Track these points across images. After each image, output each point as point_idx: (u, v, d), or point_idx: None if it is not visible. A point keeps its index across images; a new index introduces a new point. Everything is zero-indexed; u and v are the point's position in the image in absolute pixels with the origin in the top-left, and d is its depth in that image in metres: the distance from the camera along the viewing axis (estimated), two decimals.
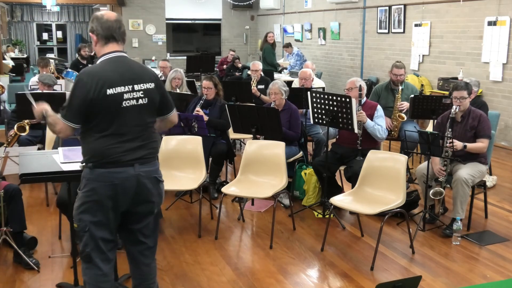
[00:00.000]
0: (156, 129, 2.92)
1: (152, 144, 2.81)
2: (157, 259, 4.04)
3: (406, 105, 5.83)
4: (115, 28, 2.72)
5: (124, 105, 2.67)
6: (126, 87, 2.68)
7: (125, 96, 2.67)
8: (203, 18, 16.23)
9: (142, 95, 2.73)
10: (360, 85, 4.94)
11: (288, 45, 11.92)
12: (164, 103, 2.88)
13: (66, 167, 3.16)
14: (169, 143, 4.93)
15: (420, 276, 3.02)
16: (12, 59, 14.89)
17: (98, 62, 2.75)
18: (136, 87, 2.71)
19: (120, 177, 2.67)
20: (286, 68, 12.10)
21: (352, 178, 4.70)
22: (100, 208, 2.69)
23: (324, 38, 12.65)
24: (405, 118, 5.82)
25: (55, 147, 4.29)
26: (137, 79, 2.72)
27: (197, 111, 5.40)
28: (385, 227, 4.53)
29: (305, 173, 5.23)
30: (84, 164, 2.72)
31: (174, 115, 2.99)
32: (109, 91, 2.62)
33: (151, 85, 2.77)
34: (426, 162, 4.51)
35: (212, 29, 16.53)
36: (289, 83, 6.95)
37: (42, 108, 2.76)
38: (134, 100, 2.70)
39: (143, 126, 2.76)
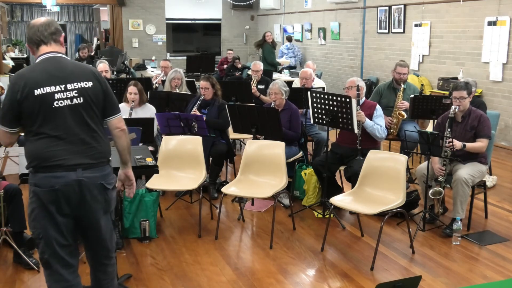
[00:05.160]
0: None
1: (98, 148, 2.72)
2: (157, 259, 4.07)
3: (406, 104, 5.83)
4: (41, 31, 2.71)
5: (56, 105, 2.61)
6: (57, 86, 2.61)
7: (57, 96, 2.60)
8: (203, 18, 16.23)
9: (76, 94, 2.64)
10: (358, 85, 4.94)
11: (289, 39, 12.15)
12: (107, 102, 2.78)
13: None
14: (169, 143, 4.93)
15: (420, 276, 3.01)
16: (12, 59, 14.89)
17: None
18: (69, 86, 2.64)
19: (61, 182, 2.59)
20: (287, 68, 12.14)
21: (352, 178, 4.70)
22: (46, 213, 2.63)
23: (324, 38, 12.65)
24: (405, 116, 5.82)
25: None
26: (70, 77, 2.65)
27: (194, 112, 5.40)
28: (385, 227, 4.53)
29: (305, 173, 5.23)
30: (27, 169, 2.68)
31: (117, 120, 2.83)
32: (37, 91, 2.58)
33: (87, 84, 2.69)
34: (426, 162, 4.51)
35: (212, 29, 16.53)
36: (289, 83, 6.96)
37: None
38: (68, 100, 2.63)
39: (85, 127, 2.68)
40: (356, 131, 4.67)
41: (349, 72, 11.56)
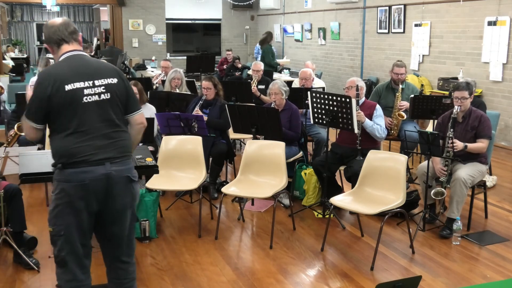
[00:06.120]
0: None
1: (122, 142, 2.77)
2: (157, 259, 4.07)
3: (406, 105, 5.83)
4: (62, 30, 2.76)
5: (85, 101, 2.66)
6: (86, 82, 2.67)
7: (86, 91, 2.66)
8: (203, 18, 16.23)
9: (104, 90, 2.71)
10: (358, 85, 4.94)
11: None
12: (130, 99, 2.85)
13: None
14: (169, 143, 4.93)
15: (420, 276, 3.01)
16: (12, 59, 14.90)
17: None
18: (97, 82, 2.70)
19: (90, 176, 2.63)
20: (288, 69, 12.14)
21: (352, 178, 4.70)
22: (72, 210, 2.65)
23: (324, 38, 12.65)
24: (405, 117, 5.82)
25: None
26: (96, 74, 2.71)
27: (196, 112, 5.40)
28: (385, 227, 4.53)
29: (305, 173, 5.23)
30: (54, 165, 2.69)
31: (139, 117, 2.91)
32: (68, 87, 2.62)
33: (113, 80, 2.76)
34: (427, 161, 4.51)
35: (212, 29, 16.54)
36: (289, 83, 6.96)
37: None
38: (96, 96, 2.68)
39: (109, 123, 2.72)
40: (356, 131, 4.67)
41: (349, 72, 11.56)
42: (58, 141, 2.67)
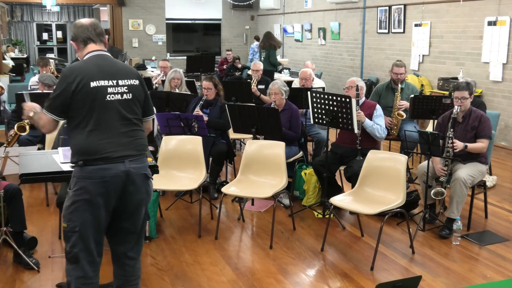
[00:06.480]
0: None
1: (140, 141, 2.84)
2: (157, 259, 4.07)
3: (405, 104, 5.83)
4: (90, 30, 2.84)
5: (108, 99, 2.72)
6: (110, 81, 2.74)
7: (109, 90, 2.73)
8: (203, 18, 16.24)
9: (126, 90, 2.79)
10: (358, 85, 4.94)
11: (258, 38, 12.16)
12: (147, 103, 2.93)
13: (66, 167, 3.15)
14: (169, 143, 4.93)
15: (420, 276, 3.01)
16: (12, 59, 14.89)
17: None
18: (120, 82, 2.78)
19: (111, 173, 2.68)
20: (288, 69, 12.16)
21: (352, 178, 4.70)
22: (90, 207, 2.69)
23: (324, 38, 12.65)
24: (404, 116, 5.82)
25: (55, 147, 4.29)
26: (120, 74, 2.79)
27: (197, 112, 5.40)
28: (385, 227, 4.53)
29: (305, 173, 5.23)
30: (74, 163, 2.72)
31: (150, 122, 3.02)
32: (93, 84, 2.69)
33: (135, 82, 2.84)
34: (427, 161, 4.51)
35: (212, 29, 16.55)
36: (289, 83, 6.96)
37: (32, 106, 2.82)
38: (119, 95, 2.76)
39: (128, 121, 2.80)
40: (356, 131, 4.67)
41: (349, 72, 11.56)
42: (79, 138, 2.71)
